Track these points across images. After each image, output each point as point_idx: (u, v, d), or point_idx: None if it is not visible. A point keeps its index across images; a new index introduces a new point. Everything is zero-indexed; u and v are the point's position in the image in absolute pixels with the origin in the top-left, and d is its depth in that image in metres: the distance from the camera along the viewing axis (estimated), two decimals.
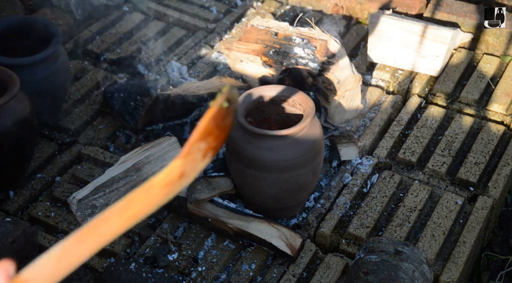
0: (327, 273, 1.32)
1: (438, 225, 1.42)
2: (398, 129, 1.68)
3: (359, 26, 2.05)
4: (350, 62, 1.63)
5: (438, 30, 1.79)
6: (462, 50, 1.93)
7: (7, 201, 1.48)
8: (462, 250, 1.38)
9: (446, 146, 1.62)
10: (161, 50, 1.96)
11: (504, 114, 1.73)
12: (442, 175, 1.56)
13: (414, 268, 1.18)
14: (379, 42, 1.84)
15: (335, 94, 1.59)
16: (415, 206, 1.46)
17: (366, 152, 1.63)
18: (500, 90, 1.79)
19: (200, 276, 1.32)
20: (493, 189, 1.52)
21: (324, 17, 2.10)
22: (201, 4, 2.17)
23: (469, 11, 1.96)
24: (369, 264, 1.19)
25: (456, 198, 1.48)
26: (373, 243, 1.24)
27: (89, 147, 1.61)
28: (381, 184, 1.52)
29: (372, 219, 1.43)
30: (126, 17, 2.10)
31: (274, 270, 1.33)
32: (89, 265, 1.35)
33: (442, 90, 1.80)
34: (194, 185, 1.40)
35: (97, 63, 1.93)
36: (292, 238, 1.36)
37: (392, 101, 1.77)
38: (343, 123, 1.68)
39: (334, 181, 1.53)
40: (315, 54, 1.58)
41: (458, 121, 1.70)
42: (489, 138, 1.65)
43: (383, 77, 1.85)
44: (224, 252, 1.37)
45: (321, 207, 1.47)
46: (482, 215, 1.45)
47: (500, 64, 1.89)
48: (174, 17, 2.09)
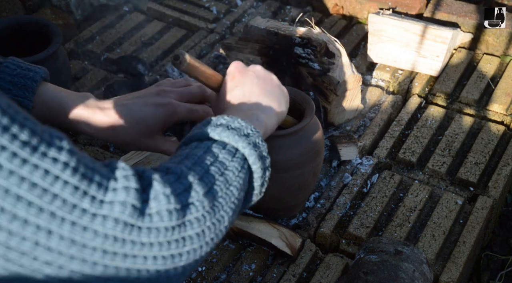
0: (327, 273, 1.32)
1: (438, 225, 1.42)
2: (398, 129, 1.68)
3: (359, 26, 2.05)
4: (350, 62, 1.63)
5: (438, 30, 1.79)
6: (462, 50, 1.93)
7: None
8: (462, 250, 1.38)
9: (446, 146, 1.62)
10: (161, 50, 1.96)
11: (504, 114, 1.73)
12: (442, 175, 1.56)
13: (414, 268, 1.18)
14: (379, 42, 1.84)
15: (335, 94, 1.59)
16: (415, 206, 1.46)
17: (366, 152, 1.63)
18: (500, 90, 1.79)
19: (200, 276, 1.32)
20: (493, 189, 1.53)
21: (324, 17, 2.10)
22: (201, 4, 2.17)
23: (469, 11, 1.96)
24: (369, 264, 1.19)
25: (456, 198, 1.48)
26: (373, 243, 1.24)
27: (89, 147, 1.61)
28: (381, 184, 1.52)
29: (372, 219, 1.43)
30: (126, 17, 2.10)
31: (274, 270, 1.34)
32: None
33: (442, 90, 1.80)
34: None
35: (97, 63, 1.93)
36: (292, 238, 1.36)
37: (392, 101, 1.77)
38: (343, 123, 1.68)
39: (334, 181, 1.53)
40: (315, 54, 1.58)
41: (458, 121, 1.70)
42: (489, 138, 1.65)
43: (383, 77, 1.85)
44: (224, 252, 1.37)
45: (321, 207, 1.47)
46: (482, 215, 1.45)
47: (500, 64, 1.89)
48: (174, 17, 2.09)
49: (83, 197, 0.58)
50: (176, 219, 0.65)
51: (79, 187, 0.58)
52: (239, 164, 0.77)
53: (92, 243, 0.59)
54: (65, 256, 0.58)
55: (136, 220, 0.61)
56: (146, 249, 0.63)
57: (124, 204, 0.60)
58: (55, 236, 0.57)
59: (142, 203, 0.62)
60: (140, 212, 0.62)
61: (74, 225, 0.57)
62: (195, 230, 0.67)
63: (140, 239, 0.62)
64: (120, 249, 0.61)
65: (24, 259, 0.57)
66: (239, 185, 0.76)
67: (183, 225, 0.66)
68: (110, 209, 0.60)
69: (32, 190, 0.55)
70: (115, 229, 0.60)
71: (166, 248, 0.64)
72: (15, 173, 0.54)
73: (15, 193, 0.54)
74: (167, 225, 0.64)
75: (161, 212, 0.64)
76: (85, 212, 0.58)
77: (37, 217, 0.55)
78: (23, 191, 0.54)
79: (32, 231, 0.56)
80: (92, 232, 0.59)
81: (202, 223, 0.68)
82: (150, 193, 0.64)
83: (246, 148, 0.78)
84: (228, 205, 0.73)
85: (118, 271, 0.61)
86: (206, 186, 0.70)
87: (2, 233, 0.55)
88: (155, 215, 0.63)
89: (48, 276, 0.59)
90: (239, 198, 0.76)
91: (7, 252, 0.56)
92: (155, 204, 0.64)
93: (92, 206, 0.58)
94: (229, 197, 0.73)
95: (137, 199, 0.62)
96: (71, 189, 0.57)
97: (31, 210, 0.55)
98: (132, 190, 0.62)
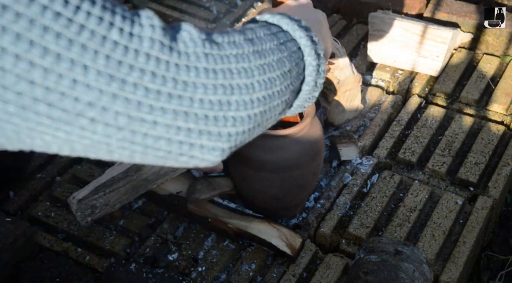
0: (327, 273, 1.32)
1: (438, 225, 1.42)
2: (398, 129, 1.68)
3: (359, 26, 2.05)
4: (350, 62, 1.63)
5: (438, 30, 1.79)
6: (462, 50, 1.93)
7: (7, 201, 1.48)
8: (462, 250, 1.38)
9: (446, 146, 1.62)
10: None
11: (504, 114, 1.73)
12: (442, 175, 1.56)
13: (414, 268, 1.18)
14: (379, 42, 1.84)
15: (335, 94, 1.59)
16: (415, 206, 1.46)
17: (366, 152, 1.63)
18: (500, 90, 1.79)
19: (200, 276, 1.32)
20: (493, 189, 1.52)
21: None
22: (201, 4, 2.17)
23: (469, 11, 1.96)
24: (369, 264, 1.19)
25: (456, 198, 1.48)
26: (373, 243, 1.24)
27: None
28: (381, 184, 1.52)
29: (372, 219, 1.43)
30: None
31: (274, 270, 1.34)
32: (89, 265, 1.35)
33: (442, 90, 1.80)
34: (194, 185, 1.40)
35: None
36: (292, 238, 1.36)
37: (392, 101, 1.77)
38: (343, 123, 1.68)
39: (334, 181, 1.53)
40: None
41: (458, 121, 1.70)
42: (489, 138, 1.65)
43: (383, 77, 1.85)
44: (224, 252, 1.37)
45: (321, 207, 1.47)
46: (482, 215, 1.45)
47: (500, 64, 1.89)
48: (174, 17, 2.09)
49: (110, 28, 0.55)
50: (215, 62, 0.62)
51: (103, 17, 0.55)
52: (295, 45, 0.74)
53: (130, 79, 0.56)
54: (107, 95, 0.55)
55: (170, 56, 0.59)
56: (190, 89, 0.60)
57: (152, 40, 0.58)
58: (91, 71, 0.54)
59: (171, 41, 0.60)
60: (170, 49, 0.59)
61: (109, 58, 0.55)
62: (242, 79, 0.64)
63: (180, 77, 0.59)
64: (163, 87, 0.58)
65: (65, 102, 0.54)
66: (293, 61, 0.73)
67: (228, 71, 0.63)
68: (139, 43, 0.57)
69: (57, 19, 0.52)
70: (148, 63, 0.57)
71: (212, 92, 0.61)
72: (35, 1, 0.51)
73: (41, 23, 0.51)
74: (207, 66, 0.61)
75: (198, 53, 0.61)
76: (117, 45, 0.55)
77: (69, 49, 0.53)
78: (48, 21, 0.52)
79: (67, 66, 0.53)
80: (127, 66, 0.56)
81: (250, 74, 0.65)
82: (183, 34, 0.61)
83: (303, 37, 0.75)
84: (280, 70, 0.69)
85: (165, 112, 0.59)
86: (254, 45, 0.68)
87: (37, 71, 0.52)
88: (192, 54, 0.60)
89: (93, 119, 0.56)
90: (292, 76, 0.73)
91: (48, 94, 0.53)
92: (191, 44, 0.61)
93: (122, 38, 0.56)
94: (281, 64, 0.70)
95: (163, 36, 0.59)
96: (95, 19, 0.54)
97: (61, 41, 0.52)
98: (157, 27, 0.59)
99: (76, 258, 1.36)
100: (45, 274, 1.30)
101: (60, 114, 0.55)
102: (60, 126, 0.56)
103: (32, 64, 0.52)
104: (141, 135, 0.59)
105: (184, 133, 0.61)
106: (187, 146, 0.62)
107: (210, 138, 0.63)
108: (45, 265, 1.32)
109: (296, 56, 0.74)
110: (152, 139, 0.60)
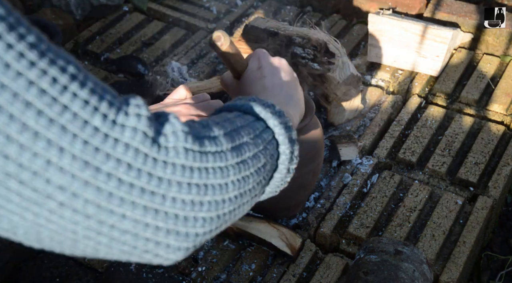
0: (327, 273, 1.32)
1: (438, 225, 1.42)
2: (398, 129, 1.68)
3: (359, 26, 2.05)
4: (350, 62, 1.63)
5: (438, 30, 1.79)
6: (462, 50, 1.93)
7: None
8: (462, 250, 1.38)
9: (446, 146, 1.62)
10: (161, 50, 1.96)
11: (504, 114, 1.73)
12: (442, 175, 1.56)
13: (414, 268, 1.18)
14: (379, 42, 1.84)
15: (335, 94, 1.59)
16: (415, 206, 1.46)
17: (366, 152, 1.63)
18: (500, 90, 1.79)
19: (200, 276, 1.32)
20: (493, 189, 1.52)
21: (324, 17, 2.10)
22: (201, 4, 2.17)
23: (469, 11, 1.96)
24: (369, 264, 1.19)
25: (456, 198, 1.48)
26: (373, 243, 1.24)
27: None
28: (381, 184, 1.52)
29: (372, 219, 1.43)
30: (126, 17, 2.10)
31: (274, 270, 1.34)
32: (89, 265, 1.35)
33: (442, 90, 1.80)
34: None
35: (97, 63, 1.93)
36: (292, 238, 1.36)
37: (392, 101, 1.77)
38: (343, 123, 1.68)
39: (334, 181, 1.53)
40: (315, 54, 1.58)
41: (458, 121, 1.70)
42: (489, 138, 1.65)
43: (383, 77, 1.85)
44: (224, 252, 1.37)
45: (321, 207, 1.47)
46: (482, 215, 1.45)
47: (500, 64, 1.89)
48: (174, 17, 2.09)
49: (94, 113, 0.54)
50: (194, 160, 0.60)
51: (89, 101, 0.54)
52: (270, 135, 0.74)
53: (105, 168, 0.54)
54: (79, 181, 0.54)
55: (150, 149, 0.57)
56: (164, 186, 0.58)
57: (135, 130, 0.56)
58: (67, 154, 0.53)
59: (155, 133, 0.58)
60: (152, 141, 0.58)
61: (86, 144, 0.53)
62: (217, 179, 0.63)
63: (156, 172, 0.57)
64: (136, 181, 0.56)
65: (37, 182, 0.53)
66: (268, 154, 0.72)
67: (204, 170, 0.61)
68: (121, 132, 0.55)
69: (41, 96, 0.51)
70: (126, 154, 0.55)
71: (186, 191, 0.59)
72: (23, 75, 0.50)
73: (24, 98, 0.50)
74: (185, 163, 0.59)
75: (177, 148, 0.59)
76: (97, 131, 0.54)
77: (47, 129, 0.51)
78: (31, 97, 0.50)
79: (43, 146, 0.51)
80: (104, 155, 0.54)
81: (225, 174, 0.64)
82: (166, 127, 0.60)
83: (277, 126, 0.74)
84: (254, 167, 0.69)
85: (135, 207, 0.57)
86: (232, 141, 0.66)
87: (13, 146, 0.51)
88: (171, 150, 0.59)
89: (62, 204, 0.54)
90: (265, 170, 0.72)
91: (20, 171, 0.52)
92: (173, 138, 0.59)
93: (104, 125, 0.54)
94: (256, 160, 0.69)
95: (148, 127, 0.57)
96: (80, 102, 0.53)
97: (41, 120, 0.51)
98: (144, 117, 0.57)
99: (76, 258, 1.36)
100: (45, 274, 1.30)
101: (30, 194, 0.53)
102: (29, 206, 0.54)
103: (9, 138, 0.51)
104: (108, 226, 0.57)
105: (151, 231, 0.59)
106: (153, 244, 0.60)
107: (177, 238, 0.61)
108: (45, 265, 1.32)
109: (271, 147, 0.74)
110: (119, 232, 0.58)
